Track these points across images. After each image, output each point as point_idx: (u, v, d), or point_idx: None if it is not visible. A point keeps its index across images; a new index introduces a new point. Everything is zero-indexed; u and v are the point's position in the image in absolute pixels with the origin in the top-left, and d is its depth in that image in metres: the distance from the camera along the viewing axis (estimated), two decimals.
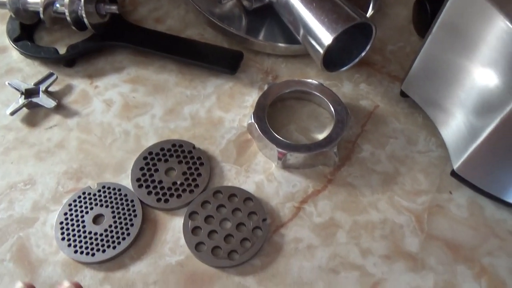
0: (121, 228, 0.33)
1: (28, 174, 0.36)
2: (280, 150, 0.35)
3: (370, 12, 0.45)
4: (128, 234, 0.32)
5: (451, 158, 0.35)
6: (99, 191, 0.34)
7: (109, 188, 0.34)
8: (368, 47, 0.38)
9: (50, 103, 0.39)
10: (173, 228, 0.33)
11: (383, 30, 0.45)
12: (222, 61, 0.42)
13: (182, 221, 0.33)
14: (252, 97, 0.41)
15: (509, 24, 0.26)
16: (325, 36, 0.36)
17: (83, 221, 0.33)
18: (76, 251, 0.32)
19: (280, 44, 0.42)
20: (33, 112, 0.39)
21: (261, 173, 0.36)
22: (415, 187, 0.36)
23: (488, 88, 0.29)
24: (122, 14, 0.45)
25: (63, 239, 0.32)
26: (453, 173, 0.35)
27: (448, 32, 0.31)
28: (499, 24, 0.26)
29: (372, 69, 0.43)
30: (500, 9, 0.26)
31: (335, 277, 0.31)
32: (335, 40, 0.36)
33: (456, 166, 0.34)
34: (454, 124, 0.33)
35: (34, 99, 0.38)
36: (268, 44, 0.42)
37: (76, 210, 0.33)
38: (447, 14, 0.30)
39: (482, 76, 0.29)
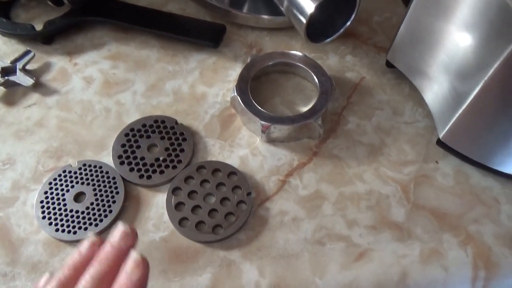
0: (103, 205, 0.32)
1: (7, 154, 0.35)
2: (263, 123, 0.34)
3: None
4: (111, 211, 0.32)
5: (437, 127, 0.34)
6: (79, 169, 0.34)
7: (90, 165, 0.34)
8: (352, 17, 0.37)
9: (27, 81, 0.37)
10: (157, 204, 0.33)
11: (369, 0, 0.44)
12: (205, 35, 0.40)
13: (165, 197, 0.33)
14: (235, 71, 0.40)
15: None
16: (308, 5, 0.35)
17: (64, 200, 0.32)
18: (57, 230, 0.31)
19: (264, 16, 0.41)
20: (11, 91, 0.38)
21: (245, 148, 0.36)
22: (401, 158, 0.35)
23: (470, 51, 0.28)
24: None
25: (43, 218, 0.32)
26: (439, 142, 0.34)
27: None
28: None
29: (358, 40, 0.42)
30: None
31: (321, 249, 0.31)
32: (318, 9, 0.35)
33: (441, 134, 0.33)
34: (439, 92, 0.33)
35: (11, 78, 0.37)
36: (251, 17, 0.41)
37: (56, 189, 0.33)
38: None
39: (464, 40, 0.28)
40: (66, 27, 0.41)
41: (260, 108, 0.35)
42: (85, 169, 0.34)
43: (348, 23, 0.38)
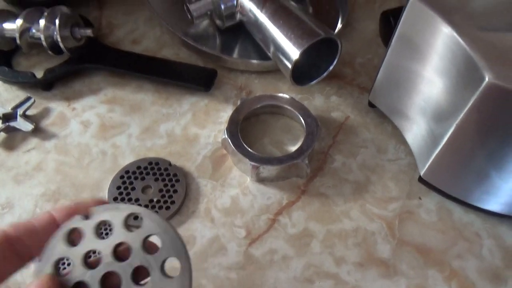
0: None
1: (6, 198, 0.36)
2: (253, 163, 0.36)
3: (338, 26, 0.47)
4: None
5: (418, 165, 0.36)
6: None
7: None
8: (335, 61, 0.40)
9: (27, 126, 0.39)
10: None
11: (352, 43, 0.47)
12: (197, 79, 0.43)
13: None
14: (227, 113, 0.42)
15: (455, 34, 0.27)
16: (293, 51, 0.37)
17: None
18: None
19: (253, 61, 0.44)
20: (11, 136, 0.40)
21: (236, 187, 0.37)
22: (386, 195, 0.37)
23: (443, 95, 0.30)
24: (98, 37, 0.46)
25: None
26: (421, 179, 0.36)
27: (405, 43, 0.33)
28: (446, 35, 0.28)
29: (343, 81, 0.44)
30: (446, 20, 0.28)
31: (310, 287, 0.32)
32: (303, 55, 0.37)
33: (422, 172, 0.35)
34: (418, 132, 0.35)
35: (12, 123, 0.39)
36: (241, 61, 0.44)
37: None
38: (403, 26, 0.32)
39: (437, 84, 0.31)
40: (65, 74, 0.43)
41: (249, 149, 0.36)
42: None
43: (331, 67, 0.40)
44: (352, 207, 0.36)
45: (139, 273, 0.20)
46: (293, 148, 0.39)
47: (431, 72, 0.31)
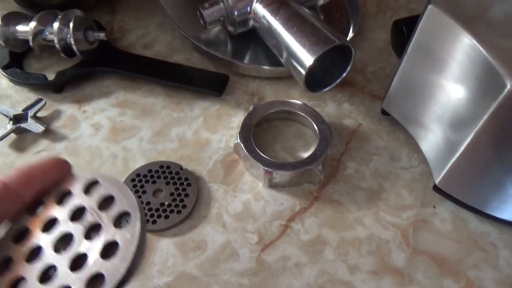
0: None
1: None
2: (266, 168, 0.35)
3: (350, 35, 0.47)
4: None
5: (433, 173, 0.36)
6: None
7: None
8: (348, 68, 0.40)
9: (38, 128, 0.39)
10: (161, 249, 0.33)
11: (363, 52, 0.47)
12: (209, 84, 0.43)
13: (170, 242, 0.33)
14: (238, 118, 0.41)
15: (476, 42, 0.27)
16: (307, 58, 0.37)
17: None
18: None
19: (265, 67, 0.44)
20: (21, 138, 0.39)
21: (248, 193, 0.37)
22: (400, 203, 0.36)
23: (461, 103, 0.30)
24: (110, 41, 0.46)
25: None
26: (436, 188, 0.35)
27: (421, 52, 0.33)
28: (466, 42, 0.28)
29: (354, 89, 0.44)
30: (466, 28, 0.28)
31: None
32: (316, 61, 0.37)
33: (437, 180, 0.35)
34: (433, 140, 0.34)
35: (22, 125, 0.39)
36: (253, 67, 0.44)
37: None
38: (420, 35, 0.32)
39: (455, 92, 0.30)
40: (76, 77, 0.43)
41: (262, 154, 0.36)
42: None
43: (344, 74, 0.40)
44: (365, 215, 0.35)
45: (93, 230, 0.20)
46: (305, 155, 0.39)
47: (449, 79, 0.31)
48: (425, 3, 0.52)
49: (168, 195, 0.36)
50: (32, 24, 0.41)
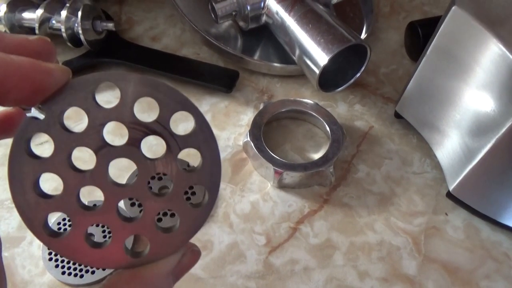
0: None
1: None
2: (276, 169, 0.34)
3: (363, 36, 0.46)
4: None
5: (447, 179, 0.35)
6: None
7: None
8: (363, 68, 0.39)
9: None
10: None
11: (376, 53, 0.46)
12: (218, 80, 0.42)
13: None
14: (247, 116, 0.40)
15: (502, 47, 0.26)
16: (321, 57, 0.36)
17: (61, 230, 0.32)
18: (63, 273, 0.30)
19: (276, 64, 0.43)
20: None
21: (256, 193, 0.36)
22: (411, 208, 0.35)
23: (482, 109, 0.29)
24: (118, 32, 0.45)
25: (50, 259, 0.31)
26: (449, 195, 0.35)
27: (442, 55, 0.32)
28: (492, 47, 0.27)
29: (366, 90, 0.43)
30: (492, 32, 0.27)
31: None
32: (331, 61, 0.36)
33: (451, 187, 0.34)
34: (449, 145, 0.34)
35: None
36: (263, 64, 0.43)
37: (65, 230, 0.32)
38: (441, 37, 0.31)
39: (476, 98, 0.30)
40: (82, 67, 0.42)
41: (272, 154, 0.35)
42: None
43: (358, 74, 0.39)
44: (376, 220, 0.35)
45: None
46: (315, 156, 0.38)
47: (471, 84, 0.30)
48: (440, 6, 0.51)
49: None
50: (39, 11, 0.40)
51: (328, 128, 0.37)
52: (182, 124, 0.36)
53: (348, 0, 0.48)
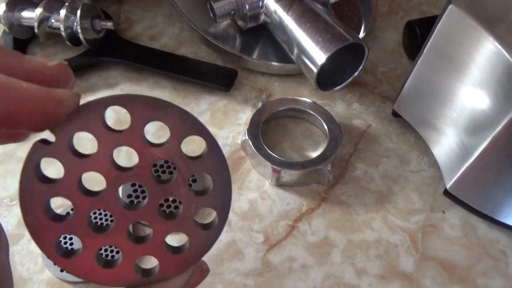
0: (106, 250, 0.32)
1: (15, 189, 0.35)
2: (274, 167, 0.34)
3: (361, 35, 0.46)
4: (118, 252, 0.31)
5: (444, 177, 0.35)
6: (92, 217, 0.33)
7: (103, 214, 0.34)
8: (360, 67, 0.39)
9: None
10: None
11: (374, 52, 0.46)
12: (217, 79, 0.42)
13: None
14: (246, 115, 0.41)
15: (498, 45, 0.27)
16: (319, 56, 0.36)
17: (70, 238, 0.32)
18: (62, 270, 0.30)
19: (274, 63, 0.43)
20: None
21: (254, 191, 0.36)
22: (409, 206, 0.36)
23: (479, 107, 0.29)
24: (117, 31, 0.45)
25: None
26: (446, 192, 0.35)
27: (439, 54, 0.32)
28: (488, 46, 0.27)
29: (364, 89, 0.43)
30: (488, 31, 0.27)
31: None
32: (329, 59, 0.36)
33: (449, 185, 0.34)
34: (446, 143, 0.34)
35: None
36: (262, 63, 0.43)
37: (65, 237, 0.32)
38: (438, 36, 0.31)
39: (473, 96, 0.30)
40: (81, 66, 0.42)
41: (271, 152, 0.35)
42: (96, 217, 0.33)
43: (356, 73, 0.40)
44: (374, 218, 0.35)
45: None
46: (313, 154, 0.38)
47: (467, 83, 0.30)
48: (438, 5, 0.51)
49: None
50: (38, 10, 0.40)
51: (326, 127, 0.38)
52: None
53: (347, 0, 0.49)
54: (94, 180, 0.19)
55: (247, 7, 0.41)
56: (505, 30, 0.27)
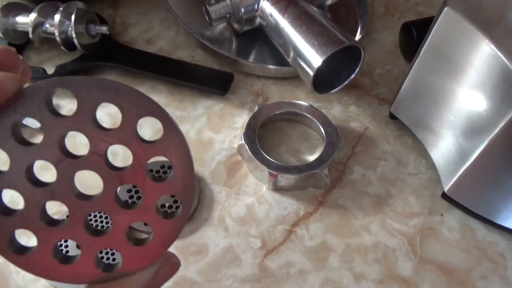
0: (106, 253, 0.31)
1: (11, 196, 0.34)
2: (271, 171, 0.34)
3: (358, 37, 0.46)
4: (114, 259, 0.31)
5: (442, 180, 0.35)
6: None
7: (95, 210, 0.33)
8: (357, 70, 0.39)
9: (36, 123, 0.38)
10: None
11: (371, 54, 0.46)
12: (213, 83, 0.41)
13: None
14: (242, 118, 0.40)
15: (494, 48, 0.26)
16: (315, 59, 0.36)
17: (66, 246, 0.31)
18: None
19: (270, 66, 0.42)
20: None
21: (251, 195, 0.36)
22: (407, 210, 0.35)
23: (476, 110, 0.29)
24: (112, 35, 0.45)
25: None
26: (444, 195, 0.35)
27: (435, 56, 0.32)
28: (484, 48, 0.27)
29: (361, 91, 0.43)
30: (484, 33, 0.27)
31: None
32: (325, 62, 0.36)
33: (446, 188, 0.34)
34: (444, 146, 0.34)
35: None
36: (258, 66, 0.43)
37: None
38: (433, 38, 0.31)
39: (470, 99, 0.30)
40: (77, 71, 0.42)
41: (267, 156, 0.35)
42: (90, 215, 0.33)
43: (353, 76, 0.39)
44: (371, 221, 0.35)
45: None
46: (311, 157, 0.38)
47: (464, 85, 0.30)
48: (434, 6, 0.51)
49: (169, 196, 0.34)
50: (32, 15, 0.40)
51: (323, 130, 0.37)
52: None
53: (343, 1, 0.48)
54: (48, 169, 0.17)
55: (242, 10, 0.41)
56: (501, 32, 0.27)
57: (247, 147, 0.36)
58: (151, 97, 0.43)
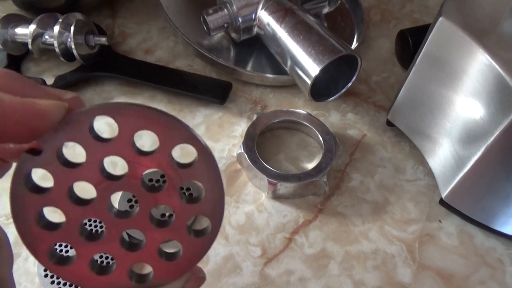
0: (108, 263, 0.32)
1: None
2: (270, 180, 0.35)
3: (354, 44, 0.46)
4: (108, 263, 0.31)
5: (439, 187, 0.35)
6: (85, 224, 0.33)
7: (95, 221, 0.33)
8: (354, 78, 0.39)
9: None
10: None
11: (368, 61, 0.47)
12: (211, 92, 0.42)
13: None
14: (241, 127, 0.41)
15: (489, 57, 0.27)
16: (312, 68, 0.37)
17: (67, 258, 0.32)
18: (58, 283, 0.30)
19: (268, 75, 0.43)
20: None
21: (251, 204, 0.36)
22: (405, 216, 0.36)
23: (472, 118, 0.29)
24: (111, 45, 0.45)
25: (46, 275, 0.31)
26: (442, 202, 0.35)
27: (431, 64, 0.32)
28: (478, 57, 0.28)
29: (358, 99, 0.44)
30: (479, 43, 0.27)
31: None
32: (322, 71, 0.36)
33: (444, 194, 0.34)
34: (441, 153, 0.34)
35: None
36: (256, 75, 0.43)
37: (60, 245, 0.32)
38: (429, 47, 0.31)
39: (465, 107, 0.30)
40: (76, 82, 0.42)
41: (266, 165, 0.35)
42: (90, 225, 0.33)
43: (350, 84, 0.40)
44: (370, 228, 0.35)
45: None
46: (309, 165, 0.38)
47: (459, 93, 0.30)
48: (430, 13, 0.52)
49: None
50: (32, 27, 0.40)
51: (321, 138, 0.38)
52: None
53: (339, 10, 0.49)
54: (86, 189, 0.18)
55: (240, 20, 0.41)
56: (496, 42, 0.27)
57: (246, 155, 0.36)
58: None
